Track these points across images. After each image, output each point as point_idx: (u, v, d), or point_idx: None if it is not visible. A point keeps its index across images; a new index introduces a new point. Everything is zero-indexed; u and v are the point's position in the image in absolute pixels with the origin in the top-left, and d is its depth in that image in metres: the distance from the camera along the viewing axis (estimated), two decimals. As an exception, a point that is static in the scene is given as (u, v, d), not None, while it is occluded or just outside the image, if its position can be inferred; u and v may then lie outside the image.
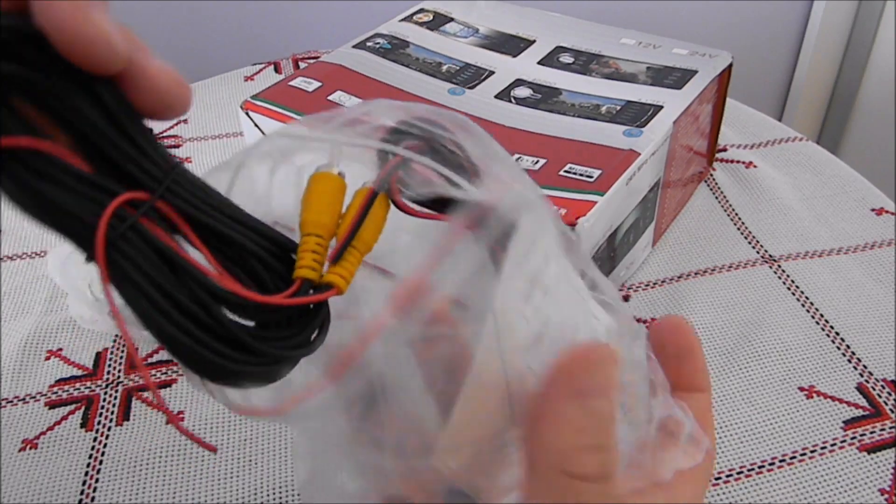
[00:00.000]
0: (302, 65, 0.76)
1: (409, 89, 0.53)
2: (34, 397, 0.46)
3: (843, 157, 0.65)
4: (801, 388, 0.45)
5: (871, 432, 0.43)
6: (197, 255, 0.19)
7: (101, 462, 0.42)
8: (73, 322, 0.50)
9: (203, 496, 0.40)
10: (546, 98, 0.52)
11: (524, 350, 0.21)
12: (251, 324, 0.19)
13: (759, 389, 0.45)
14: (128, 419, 0.44)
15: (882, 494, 0.39)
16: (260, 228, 0.20)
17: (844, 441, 0.42)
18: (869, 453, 0.41)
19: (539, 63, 0.55)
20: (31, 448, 0.43)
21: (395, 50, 0.57)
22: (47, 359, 0.48)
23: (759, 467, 0.41)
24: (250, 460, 0.42)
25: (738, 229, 0.57)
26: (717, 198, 0.60)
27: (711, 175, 0.61)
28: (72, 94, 0.18)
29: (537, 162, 0.46)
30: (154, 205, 0.18)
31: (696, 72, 0.53)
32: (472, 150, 0.21)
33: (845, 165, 0.63)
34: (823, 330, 0.49)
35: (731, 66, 0.55)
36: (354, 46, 0.58)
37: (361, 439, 0.23)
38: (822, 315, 0.50)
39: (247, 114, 0.52)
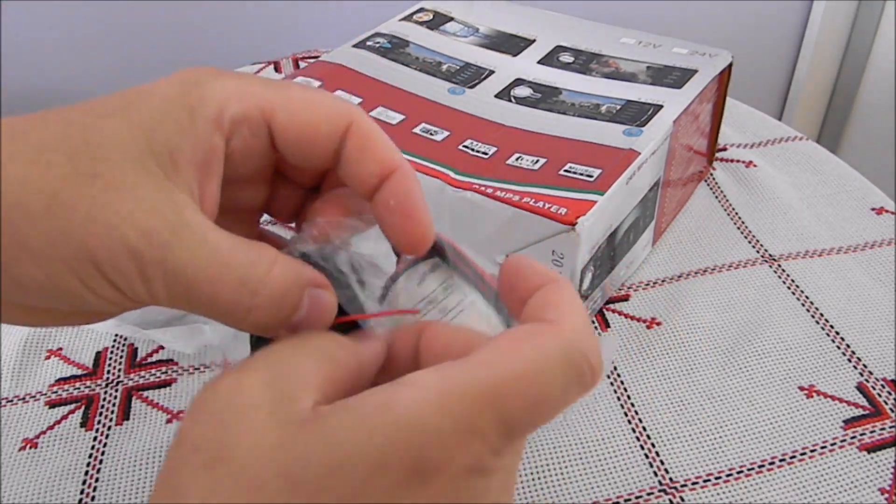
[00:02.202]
0: (302, 64, 0.76)
1: (408, 88, 0.53)
2: (34, 397, 0.46)
3: (843, 156, 0.65)
4: (802, 388, 0.45)
5: (871, 432, 0.43)
6: None
7: (101, 462, 0.42)
8: (73, 321, 0.50)
9: (203, 495, 0.40)
10: (546, 97, 0.52)
11: None
12: None
13: (759, 389, 0.45)
14: (128, 419, 0.44)
15: (882, 494, 0.39)
16: None
17: (844, 440, 0.42)
18: (869, 453, 0.41)
19: (539, 62, 0.55)
20: (31, 447, 0.43)
21: (395, 49, 0.57)
22: (47, 358, 0.48)
23: (759, 467, 0.41)
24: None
25: (738, 229, 0.57)
26: (717, 197, 0.60)
27: (711, 174, 0.61)
28: None
29: (537, 161, 0.46)
30: None
31: (696, 71, 0.53)
32: None
33: (845, 165, 0.63)
34: (823, 329, 0.49)
35: (731, 65, 0.55)
36: (354, 46, 0.58)
37: None
38: (822, 314, 0.50)
39: (247, 113, 0.52)
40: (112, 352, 0.48)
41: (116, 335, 0.49)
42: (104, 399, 0.45)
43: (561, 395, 0.21)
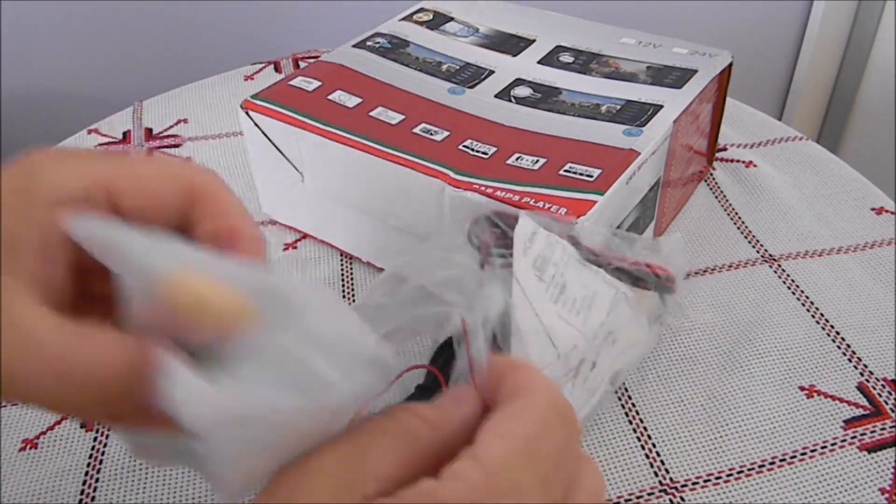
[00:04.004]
0: (302, 64, 0.76)
1: (409, 89, 0.53)
2: (34, 397, 0.46)
3: (843, 156, 0.65)
4: (802, 388, 0.45)
5: (872, 431, 0.43)
6: None
7: (101, 462, 0.42)
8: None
9: (203, 496, 0.40)
10: (546, 97, 0.52)
11: (552, 305, 0.32)
12: None
13: (759, 389, 0.45)
14: (128, 419, 0.44)
15: (882, 494, 0.39)
16: None
17: (845, 440, 0.42)
18: (869, 452, 0.41)
19: (539, 62, 0.55)
20: (31, 448, 0.43)
21: (395, 49, 0.57)
22: (47, 358, 0.48)
23: (760, 467, 0.41)
24: (250, 460, 0.42)
25: (738, 229, 0.57)
26: (717, 197, 0.60)
27: (711, 174, 0.61)
28: None
29: (537, 161, 0.46)
30: None
31: (696, 71, 0.53)
32: None
33: (845, 165, 0.63)
34: (824, 329, 0.49)
35: (731, 65, 0.55)
36: (354, 46, 0.58)
37: None
38: (822, 314, 0.50)
39: (247, 113, 0.52)
40: (112, 352, 0.48)
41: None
42: (104, 399, 0.45)
43: (560, 435, 0.23)
